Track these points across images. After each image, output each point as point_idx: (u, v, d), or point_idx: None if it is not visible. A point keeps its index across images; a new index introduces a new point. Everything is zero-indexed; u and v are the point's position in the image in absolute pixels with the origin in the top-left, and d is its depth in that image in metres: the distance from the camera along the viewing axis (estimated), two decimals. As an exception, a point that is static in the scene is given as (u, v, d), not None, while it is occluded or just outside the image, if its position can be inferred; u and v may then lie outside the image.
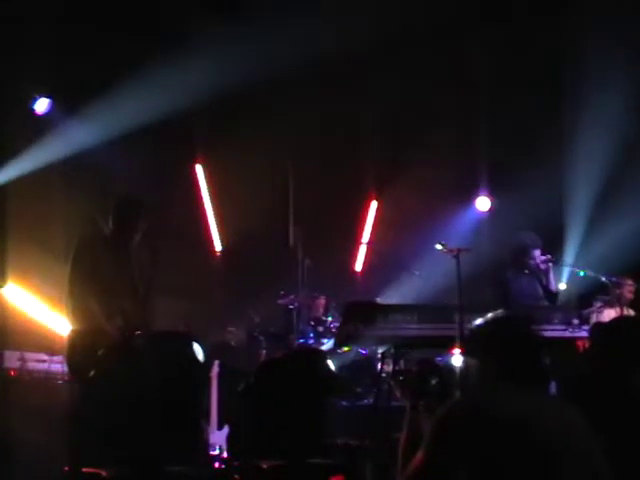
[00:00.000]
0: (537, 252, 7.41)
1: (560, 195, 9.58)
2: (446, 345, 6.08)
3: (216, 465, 5.66)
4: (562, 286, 8.65)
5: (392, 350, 6.11)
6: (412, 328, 5.90)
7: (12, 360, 6.93)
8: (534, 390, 2.79)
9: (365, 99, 10.32)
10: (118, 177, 8.60)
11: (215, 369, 6.10)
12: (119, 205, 5.92)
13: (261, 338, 8.22)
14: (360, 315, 5.92)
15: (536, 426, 2.66)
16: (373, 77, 10.04)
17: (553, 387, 4.56)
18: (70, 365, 5.69)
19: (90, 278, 5.55)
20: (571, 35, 9.16)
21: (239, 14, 8.86)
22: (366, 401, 7.53)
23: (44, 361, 7.03)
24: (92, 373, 5.13)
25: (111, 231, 5.87)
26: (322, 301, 8.92)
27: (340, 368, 7.62)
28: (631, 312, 8.08)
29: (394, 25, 9.24)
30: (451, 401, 2.84)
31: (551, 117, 9.58)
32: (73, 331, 5.58)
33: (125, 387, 5.02)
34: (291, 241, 7.94)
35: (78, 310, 5.55)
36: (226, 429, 6.03)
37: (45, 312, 7.97)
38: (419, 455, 2.74)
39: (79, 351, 5.45)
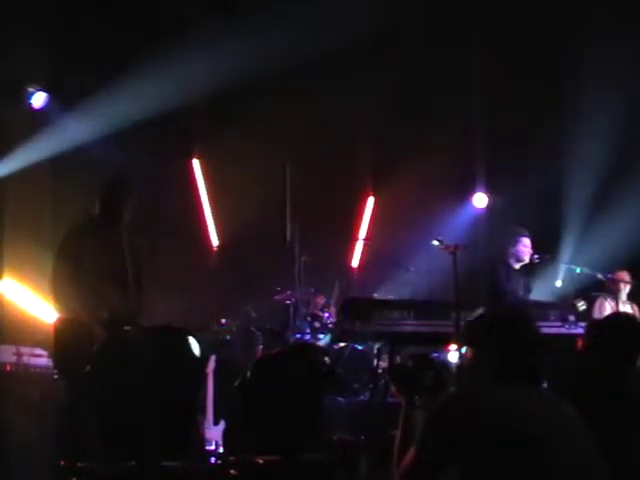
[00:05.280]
0: (526, 240, 7.41)
1: (557, 192, 9.59)
2: (442, 341, 6.09)
3: (212, 460, 5.65)
4: (558, 283, 8.67)
5: (388, 346, 6.12)
6: (408, 324, 5.91)
7: (8, 354, 6.91)
8: (528, 386, 2.79)
9: (363, 96, 10.32)
10: (114, 172, 8.57)
11: (211, 364, 6.09)
12: (104, 186, 5.85)
13: (258, 334, 8.22)
14: (357, 311, 5.93)
15: (529, 422, 2.65)
16: (371, 74, 10.04)
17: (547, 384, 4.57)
18: (55, 355, 5.67)
19: (74, 270, 5.50)
20: (570, 34, 9.17)
21: (237, 10, 8.86)
22: (362, 397, 7.53)
23: (40, 355, 7.01)
24: (88, 368, 5.12)
25: (99, 214, 5.80)
26: (320, 300, 8.92)
27: (336, 364, 7.62)
28: (628, 308, 8.12)
29: (392, 22, 9.25)
30: (443, 397, 2.84)
31: (549, 114, 9.59)
32: (58, 320, 5.56)
33: (121, 382, 5.02)
34: (288, 237, 7.93)
35: (62, 300, 5.52)
36: (222, 424, 6.02)
37: (41, 306, 7.96)
38: (412, 451, 2.74)
39: (64, 341, 5.43)
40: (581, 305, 6.64)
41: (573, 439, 2.70)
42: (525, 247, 7.37)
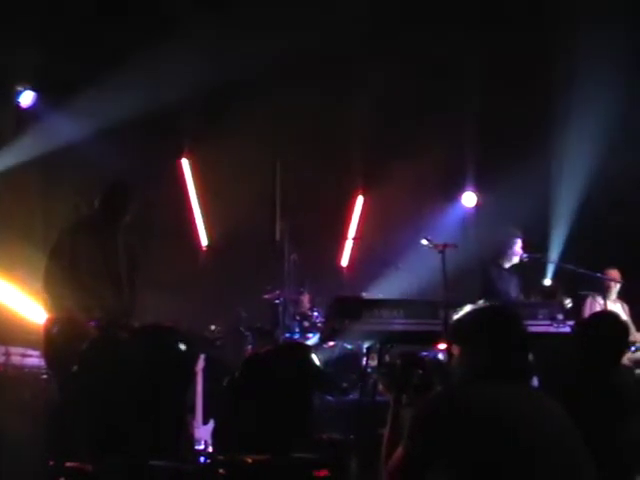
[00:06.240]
0: (520, 241, 7.48)
1: (546, 191, 9.61)
2: (431, 340, 6.10)
3: (201, 460, 5.65)
4: (547, 282, 8.70)
5: (377, 345, 6.13)
6: (398, 323, 5.91)
7: (-3, 354, 6.90)
8: (516, 384, 2.79)
9: (353, 95, 10.33)
10: (103, 171, 8.56)
11: (201, 363, 6.08)
12: (106, 188, 5.85)
13: (247, 333, 8.21)
14: (346, 310, 5.93)
15: (518, 420, 2.66)
16: (361, 73, 10.04)
17: (535, 382, 4.59)
18: (46, 355, 5.66)
19: (68, 269, 5.49)
20: (561, 35, 9.19)
21: (229, 7, 8.84)
22: (351, 396, 7.53)
23: (30, 356, 6.99)
24: (75, 367, 5.11)
25: (97, 214, 5.79)
26: (306, 298, 8.92)
27: (326, 363, 7.62)
28: (618, 306, 8.15)
29: (383, 21, 9.26)
30: (430, 395, 2.85)
31: (538, 114, 9.61)
32: (49, 319, 5.54)
33: (110, 381, 5.01)
34: (277, 236, 7.93)
35: (54, 300, 5.50)
36: (211, 424, 6.02)
37: (31, 306, 7.93)
38: (400, 449, 2.75)
39: (55, 341, 5.41)
40: (567, 303, 6.68)
41: (562, 437, 2.71)
42: (519, 248, 7.46)
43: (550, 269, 8.68)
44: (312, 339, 8.22)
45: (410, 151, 9.86)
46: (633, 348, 7.50)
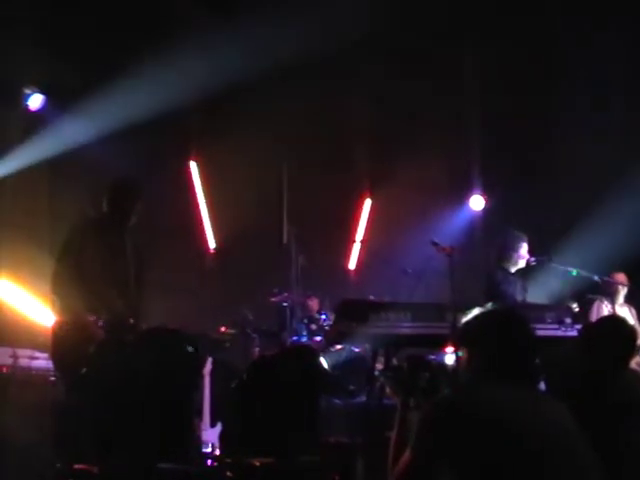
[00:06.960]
0: (526, 245, 7.46)
1: (554, 194, 9.60)
2: (439, 343, 6.09)
3: (209, 462, 5.65)
4: (554, 285, 8.67)
5: (385, 348, 6.12)
6: (405, 326, 5.90)
7: (4, 357, 6.89)
8: (524, 387, 2.79)
9: (360, 98, 10.34)
10: (111, 174, 8.58)
11: (208, 366, 6.09)
12: (114, 187, 5.84)
13: (254, 336, 8.21)
14: (353, 313, 5.92)
15: (522, 424, 2.66)
16: (367, 76, 10.05)
17: (542, 385, 4.57)
18: (54, 358, 5.67)
19: (76, 271, 5.49)
20: (567, 34, 9.19)
21: (234, 9, 8.86)
22: (358, 399, 7.53)
23: (37, 358, 7.00)
24: (84, 370, 5.11)
25: (105, 214, 5.80)
26: (314, 304, 8.91)
27: (333, 366, 7.62)
28: (625, 310, 8.12)
29: (387, 24, 9.26)
30: (437, 398, 2.85)
31: (546, 115, 9.60)
32: (57, 322, 5.55)
33: (117, 383, 5.02)
34: (285, 239, 7.93)
35: (63, 302, 5.51)
36: (219, 426, 6.02)
37: (37, 308, 7.94)
38: (407, 453, 2.74)
39: (63, 343, 5.42)
40: (574, 307, 6.66)
41: (568, 440, 2.71)
42: (525, 252, 7.44)
43: (558, 272, 8.65)
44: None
45: (417, 154, 9.86)
46: (642, 351, 7.46)
